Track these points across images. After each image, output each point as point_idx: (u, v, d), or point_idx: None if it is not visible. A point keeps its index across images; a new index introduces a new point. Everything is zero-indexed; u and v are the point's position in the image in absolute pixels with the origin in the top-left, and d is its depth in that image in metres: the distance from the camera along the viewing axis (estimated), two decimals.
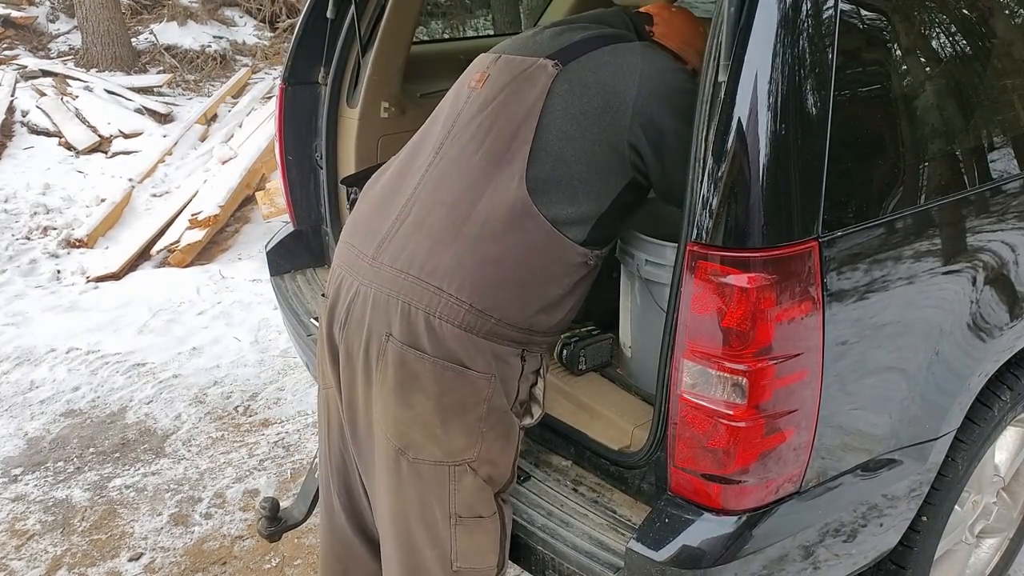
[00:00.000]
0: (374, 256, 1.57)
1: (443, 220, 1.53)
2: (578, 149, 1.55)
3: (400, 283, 1.51)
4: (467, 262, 1.50)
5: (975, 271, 1.64)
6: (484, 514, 1.59)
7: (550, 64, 1.60)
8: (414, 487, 1.57)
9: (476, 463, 1.55)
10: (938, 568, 1.99)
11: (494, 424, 1.54)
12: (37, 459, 3.08)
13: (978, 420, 1.82)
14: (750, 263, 1.32)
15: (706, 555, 1.44)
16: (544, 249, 1.53)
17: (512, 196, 1.52)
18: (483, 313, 1.49)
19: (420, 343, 1.49)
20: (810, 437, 1.46)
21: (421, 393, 1.50)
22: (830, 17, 1.35)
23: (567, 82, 1.58)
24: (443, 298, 1.49)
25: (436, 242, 1.52)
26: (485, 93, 1.64)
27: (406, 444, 1.54)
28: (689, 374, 1.41)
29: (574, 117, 1.56)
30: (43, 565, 2.58)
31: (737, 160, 1.31)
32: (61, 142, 6.02)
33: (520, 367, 1.56)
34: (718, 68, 1.33)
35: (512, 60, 1.66)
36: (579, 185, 1.55)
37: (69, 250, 4.79)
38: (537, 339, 1.58)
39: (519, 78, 1.62)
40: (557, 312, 1.58)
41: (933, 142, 1.58)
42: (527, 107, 1.58)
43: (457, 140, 1.61)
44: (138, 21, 8.70)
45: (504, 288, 1.50)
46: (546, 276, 1.54)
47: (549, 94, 1.57)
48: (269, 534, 2.02)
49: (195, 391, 3.46)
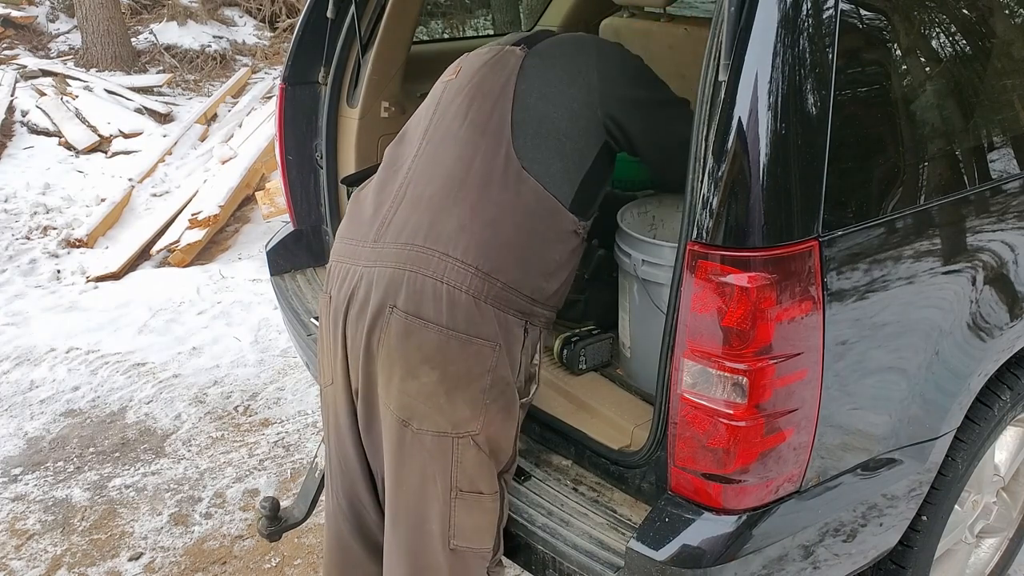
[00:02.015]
0: (375, 239, 1.60)
1: (440, 189, 1.59)
2: (557, 105, 1.67)
3: (406, 254, 1.55)
4: (469, 225, 1.54)
5: (975, 271, 1.64)
6: (485, 490, 1.60)
7: (517, 49, 1.76)
8: (417, 458, 1.58)
9: (479, 436, 1.56)
10: (938, 568, 1.99)
11: (497, 396, 1.56)
12: (37, 459, 3.08)
13: (978, 420, 1.82)
14: (750, 262, 1.32)
15: (706, 554, 1.44)
16: (537, 211, 1.60)
17: (502, 159, 1.60)
18: (489, 276, 1.52)
19: (426, 312, 1.51)
20: (810, 437, 1.46)
21: (426, 363, 1.51)
22: (830, 17, 1.35)
23: (536, 57, 1.73)
24: (449, 263, 1.52)
25: (437, 210, 1.57)
26: (460, 79, 1.75)
27: (410, 415, 1.55)
28: (689, 373, 1.41)
29: (549, 81, 1.69)
30: (43, 565, 2.58)
31: (737, 160, 1.32)
32: (61, 142, 6.02)
33: (523, 338, 1.59)
34: (718, 68, 1.33)
35: (481, 51, 1.80)
36: (564, 140, 1.65)
37: (69, 250, 4.79)
38: (539, 310, 1.61)
39: (490, 62, 1.75)
40: (554, 281, 1.63)
41: (933, 142, 1.58)
42: (503, 79, 1.70)
43: (441, 122, 1.70)
44: (138, 21, 8.70)
45: (506, 250, 1.55)
46: (543, 239, 1.61)
47: (521, 68, 1.71)
48: (269, 534, 2.02)
49: (195, 391, 3.46)
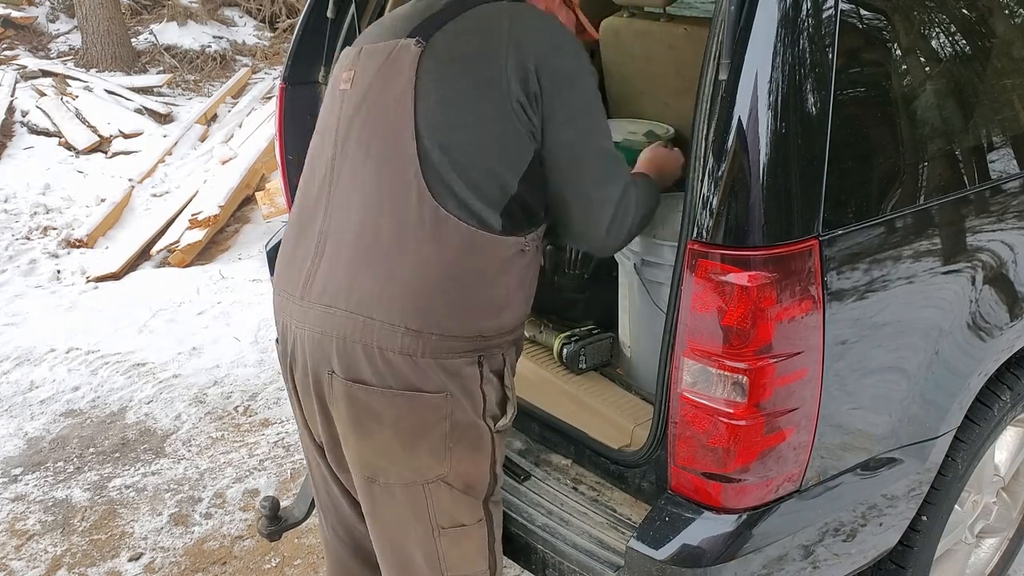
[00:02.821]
0: (302, 296, 1.49)
1: (354, 247, 1.44)
2: (465, 133, 1.41)
3: (331, 319, 1.44)
4: (389, 285, 1.40)
5: (975, 270, 1.65)
6: (467, 522, 1.54)
7: (412, 43, 1.44)
8: (391, 509, 1.54)
9: (449, 477, 1.49)
10: (938, 568, 1.99)
11: (460, 438, 1.47)
12: (37, 459, 3.08)
13: (978, 420, 1.82)
14: (750, 261, 1.32)
15: (706, 554, 1.44)
16: (466, 252, 1.40)
17: (413, 202, 1.39)
18: (421, 333, 1.40)
19: (364, 376, 1.43)
20: (810, 436, 1.46)
21: (376, 423, 1.45)
22: (830, 17, 1.35)
23: (433, 59, 1.43)
24: (375, 325, 1.40)
25: (354, 271, 1.43)
26: (355, 94, 1.50)
27: (374, 472, 1.50)
28: (689, 373, 1.41)
29: (450, 98, 1.41)
30: (43, 565, 2.58)
31: (737, 159, 1.32)
32: (61, 142, 6.02)
33: (479, 374, 1.47)
34: (718, 67, 1.33)
35: (374, 49, 1.51)
36: (480, 170, 1.40)
37: (69, 250, 4.79)
38: (493, 342, 1.48)
39: (383, 68, 1.47)
40: (506, 312, 1.47)
41: (933, 141, 1.58)
42: (399, 91, 1.43)
43: (345, 153, 1.49)
44: (138, 21, 8.70)
45: (437, 302, 1.40)
46: (480, 280, 1.43)
47: (418, 78, 1.42)
48: (269, 534, 2.02)
49: (195, 391, 3.46)
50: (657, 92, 3.13)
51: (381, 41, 1.51)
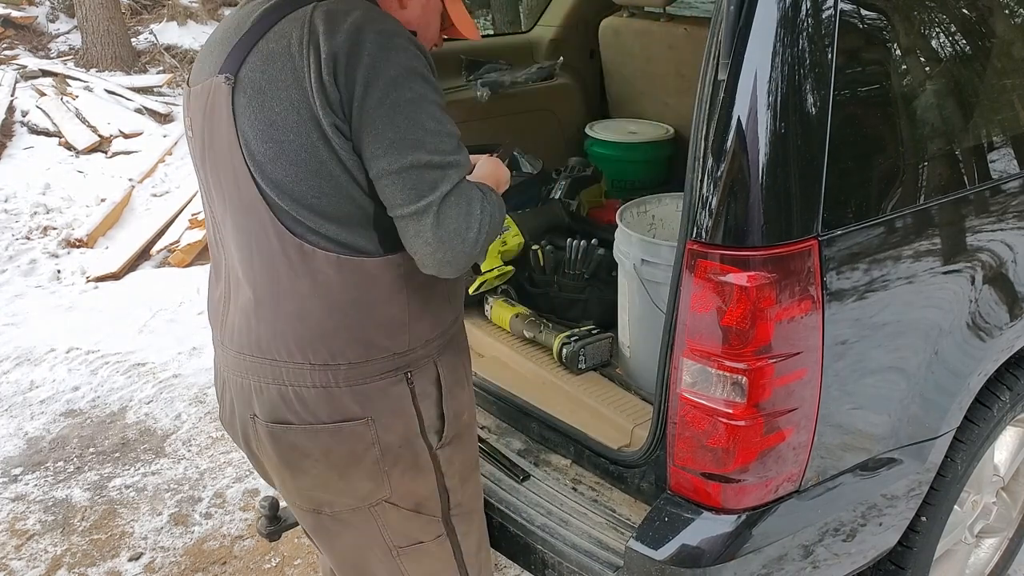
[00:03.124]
0: (222, 342, 1.48)
1: (244, 294, 1.40)
2: (289, 166, 1.29)
3: (244, 365, 1.42)
4: (280, 326, 1.36)
5: (974, 270, 1.64)
6: (424, 539, 1.51)
7: (222, 81, 1.32)
8: (345, 535, 1.51)
9: (393, 498, 1.45)
10: (937, 568, 1.99)
11: (395, 461, 1.42)
12: (37, 459, 3.08)
13: (977, 420, 1.82)
14: (750, 262, 1.32)
15: (705, 554, 1.44)
16: (346, 281, 1.32)
17: (275, 243, 1.32)
18: (328, 365, 1.35)
19: (283, 416, 1.40)
20: (809, 436, 1.46)
21: (307, 459, 1.41)
22: (830, 16, 1.35)
23: (243, 94, 1.30)
24: (282, 367, 1.37)
25: (248, 316, 1.40)
26: (196, 143, 1.41)
27: (318, 504, 1.47)
28: (689, 373, 1.41)
29: (267, 134, 1.29)
30: (43, 565, 2.58)
31: (737, 159, 1.31)
32: (61, 142, 6.02)
33: (409, 390, 1.40)
34: (718, 67, 1.33)
35: (196, 92, 1.40)
36: (322, 198, 1.30)
37: (69, 250, 4.79)
38: (416, 353, 1.40)
39: (207, 111, 1.36)
40: (418, 325, 1.39)
41: (932, 141, 1.58)
42: (225, 142, 1.33)
43: (214, 203, 1.43)
44: (138, 21, 8.70)
45: (332, 335, 1.34)
46: (370, 304, 1.34)
47: (235, 117, 1.31)
48: (269, 533, 2.02)
49: (195, 391, 3.46)
50: (657, 92, 3.14)
51: (200, 80, 1.40)
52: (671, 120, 3.12)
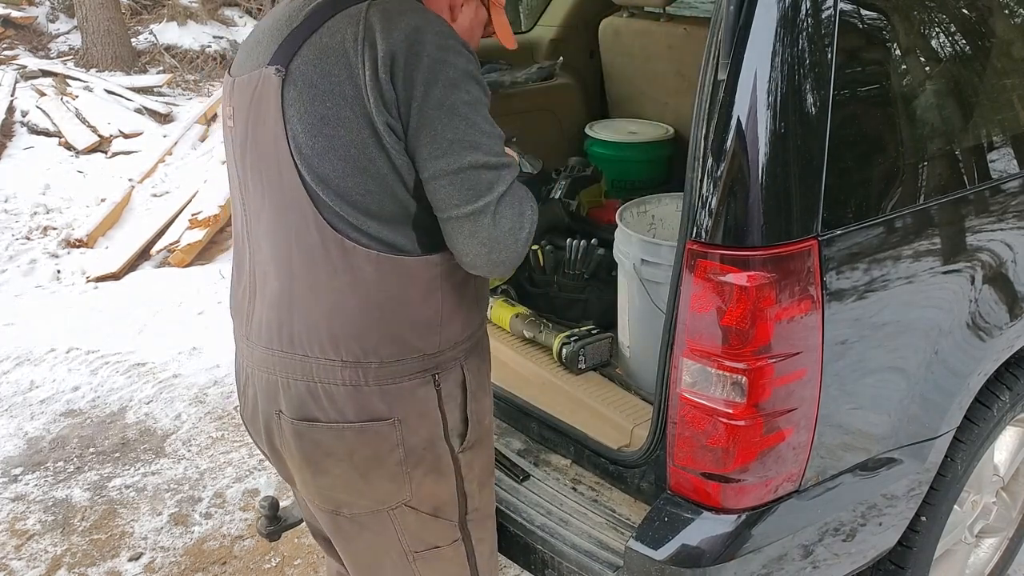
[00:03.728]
0: (247, 337, 1.47)
1: (276, 288, 1.39)
2: (338, 162, 1.29)
3: (272, 360, 1.41)
4: (315, 322, 1.35)
5: (974, 270, 1.64)
6: (441, 544, 1.51)
7: (272, 73, 1.32)
8: (362, 537, 1.51)
9: (412, 502, 1.45)
10: (937, 568, 1.99)
11: (418, 463, 1.42)
12: (37, 459, 3.08)
13: (977, 420, 1.82)
14: (749, 262, 1.32)
15: (705, 554, 1.44)
16: (384, 279, 1.33)
17: (315, 237, 1.32)
18: (360, 363, 1.35)
19: (310, 414, 1.40)
20: (809, 436, 1.46)
21: (330, 458, 1.42)
22: (829, 16, 1.35)
23: (294, 87, 1.31)
24: (312, 363, 1.37)
25: (281, 312, 1.39)
26: (238, 134, 1.41)
27: (336, 505, 1.48)
28: (688, 373, 1.41)
29: (316, 128, 1.29)
30: (43, 565, 2.58)
31: (736, 159, 1.32)
32: (61, 142, 6.02)
33: (436, 394, 1.41)
34: (717, 67, 1.33)
35: (243, 81, 1.40)
36: (366, 195, 1.31)
37: (69, 250, 4.80)
38: (444, 356, 1.41)
39: (253, 103, 1.36)
40: (449, 328, 1.40)
41: (932, 141, 1.58)
42: (272, 134, 1.33)
43: (249, 195, 1.42)
44: (138, 21, 8.70)
45: (365, 334, 1.34)
46: (405, 304, 1.35)
47: (283, 110, 1.31)
48: (269, 533, 2.02)
49: (195, 391, 3.46)
50: (657, 92, 3.14)
51: (247, 71, 1.39)
52: (671, 120, 3.12)
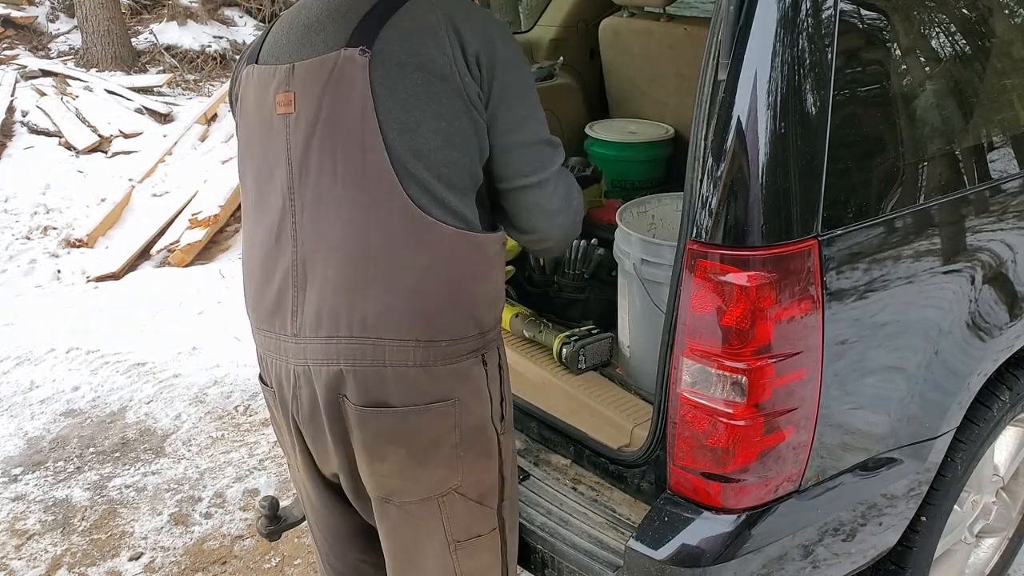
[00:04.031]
0: (295, 334, 1.44)
1: (344, 268, 1.39)
2: (430, 134, 1.37)
3: (337, 349, 1.41)
4: (392, 301, 1.38)
5: (974, 270, 1.64)
6: (482, 532, 1.54)
7: (356, 53, 1.36)
8: (407, 527, 1.53)
9: (462, 487, 1.49)
10: (937, 568, 1.99)
11: (471, 445, 1.47)
12: (37, 459, 3.08)
13: (977, 420, 1.82)
14: (749, 261, 1.32)
15: (705, 554, 1.44)
16: (459, 256, 1.40)
17: (398, 216, 1.36)
18: (432, 342, 1.39)
19: (376, 398, 1.41)
20: (809, 436, 1.46)
21: (390, 444, 1.44)
22: (830, 16, 1.35)
23: (381, 66, 1.36)
24: (386, 346, 1.38)
25: (351, 293, 1.39)
26: (304, 115, 1.41)
27: (389, 492, 1.49)
28: (689, 373, 1.41)
29: (406, 103, 1.36)
30: (43, 565, 2.58)
31: (736, 159, 1.32)
32: (61, 142, 6.02)
33: (484, 372, 1.47)
34: (717, 67, 1.33)
35: (311, 65, 1.41)
36: (451, 166, 1.39)
37: (69, 250, 4.80)
38: (490, 336, 1.49)
39: (331, 83, 1.38)
40: (498, 302, 1.49)
41: (932, 141, 1.58)
42: (358, 112, 1.36)
43: (307, 179, 1.41)
44: (138, 21, 8.70)
45: (442, 309, 1.40)
46: (475, 278, 1.42)
47: (372, 87, 1.36)
48: (269, 533, 2.02)
49: (195, 391, 3.46)
50: (657, 92, 3.13)
51: (314, 55, 1.41)
52: (671, 120, 3.12)
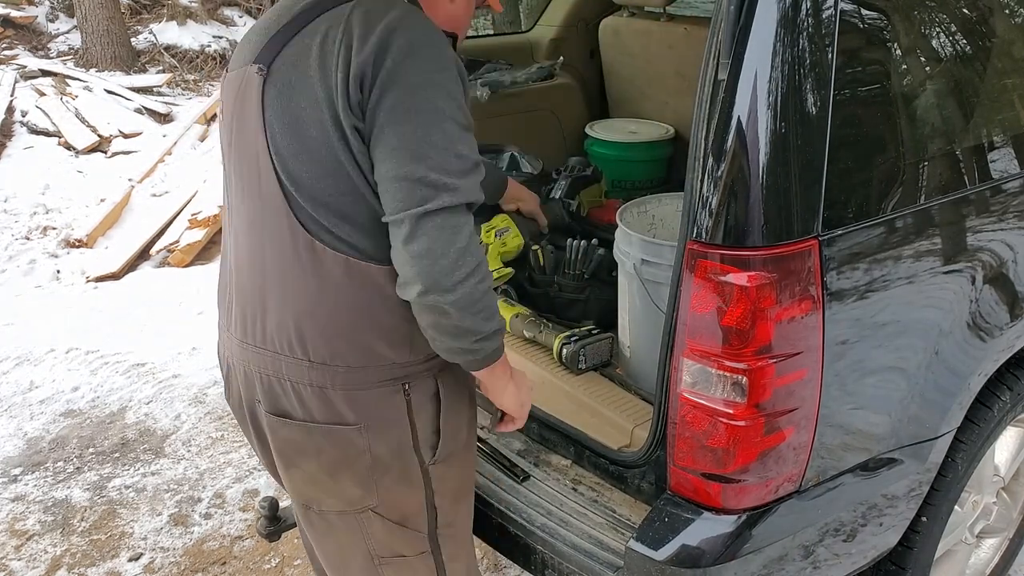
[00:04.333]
0: (227, 328, 1.49)
1: (251, 281, 1.40)
2: (310, 163, 1.29)
3: (249, 354, 1.43)
4: (284, 321, 1.36)
5: (975, 270, 1.64)
6: (407, 554, 1.50)
7: (255, 70, 1.34)
8: (331, 536, 1.52)
9: (379, 508, 1.45)
10: (938, 568, 1.99)
11: (385, 471, 1.41)
12: (37, 459, 3.08)
13: (978, 420, 1.82)
14: (750, 262, 1.32)
15: (705, 554, 1.44)
16: (352, 285, 1.32)
17: (287, 236, 1.32)
18: (326, 365, 1.35)
19: (283, 409, 1.41)
20: (810, 436, 1.46)
21: (300, 455, 1.43)
22: (830, 16, 1.35)
23: (274, 87, 1.32)
24: (283, 360, 1.37)
25: (256, 306, 1.40)
26: (225, 127, 1.43)
27: (307, 499, 1.49)
28: (689, 373, 1.41)
29: (293, 128, 1.30)
30: (43, 565, 2.58)
31: (737, 159, 1.31)
32: (61, 142, 6.02)
33: (405, 401, 1.39)
34: (717, 67, 1.33)
35: (231, 78, 1.42)
36: (338, 198, 1.30)
37: (69, 250, 4.79)
38: (415, 368, 1.39)
39: (239, 99, 1.38)
40: (422, 338, 1.35)
41: (933, 141, 1.58)
42: (253, 132, 1.34)
43: (231, 189, 1.44)
44: (138, 21, 8.70)
45: (335, 335, 1.34)
46: (375, 311, 1.33)
47: (263, 109, 1.33)
48: (268, 534, 2.02)
49: (195, 391, 3.46)
50: (657, 92, 3.14)
51: (236, 67, 1.41)
52: (671, 120, 3.12)
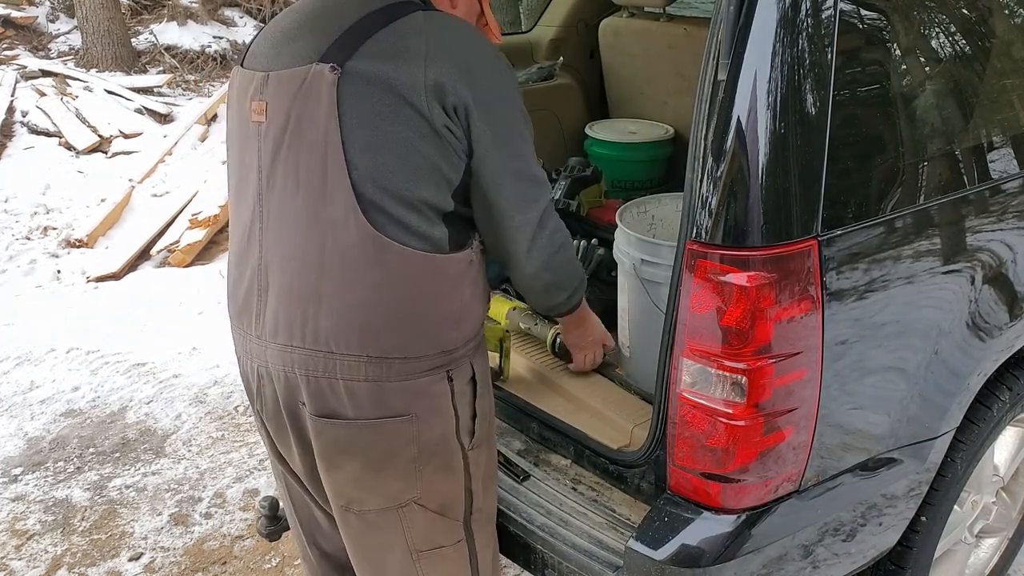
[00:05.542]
0: (258, 335, 1.47)
1: (300, 280, 1.40)
2: (391, 158, 1.36)
3: (291, 357, 1.42)
4: (345, 315, 1.38)
5: (974, 270, 1.64)
6: (446, 543, 1.54)
7: (326, 69, 1.36)
8: (369, 535, 1.54)
9: (422, 499, 1.49)
10: (937, 568, 1.99)
11: (430, 459, 1.46)
12: (37, 459, 3.08)
13: (977, 420, 1.82)
14: (749, 262, 1.32)
15: (705, 554, 1.44)
16: (415, 275, 1.38)
17: (353, 232, 1.36)
18: (384, 359, 1.39)
19: (331, 410, 1.42)
20: (809, 436, 1.46)
21: (344, 455, 1.45)
22: (829, 16, 1.35)
23: (350, 84, 1.36)
24: (337, 360, 1.39)
25: (305, 305, 1.40)
26: (274, 127, 1.42)
27: (347, 501, 1.51)
28: (688, 373, 1.41)
29: (371, 123, 1.36)
30: (43, 565, 2.58)
31: (736, 159, 1.32)
32: (61, 142, 6.02)
33: (449, 388, 1.46)
34: (717, 67, 1.33)
35: (283, 76, 1.42)
36: (412, 193, 1.37)
37: (69, 250, 4.80)
38: (459, 352, 1.46)
39: (300, 96, 1.39)
40: (465, 322, 1.46)
41: (932, 141, 1.58)
42: (322, 128, 1.37)
43: (273, 188, 1.43)
44: (138, 21, 8.70)
45: (394, 327, 1.39)
46: (433, 298, 1.41)
47: (339, 104, 1.36)
48: (269, 533, 2.02)
49: (195, 391, 3.46)
50: (657, 92, 3.14)
51: (290, 66, 1.42)
52: (671, 120, 3.12)
